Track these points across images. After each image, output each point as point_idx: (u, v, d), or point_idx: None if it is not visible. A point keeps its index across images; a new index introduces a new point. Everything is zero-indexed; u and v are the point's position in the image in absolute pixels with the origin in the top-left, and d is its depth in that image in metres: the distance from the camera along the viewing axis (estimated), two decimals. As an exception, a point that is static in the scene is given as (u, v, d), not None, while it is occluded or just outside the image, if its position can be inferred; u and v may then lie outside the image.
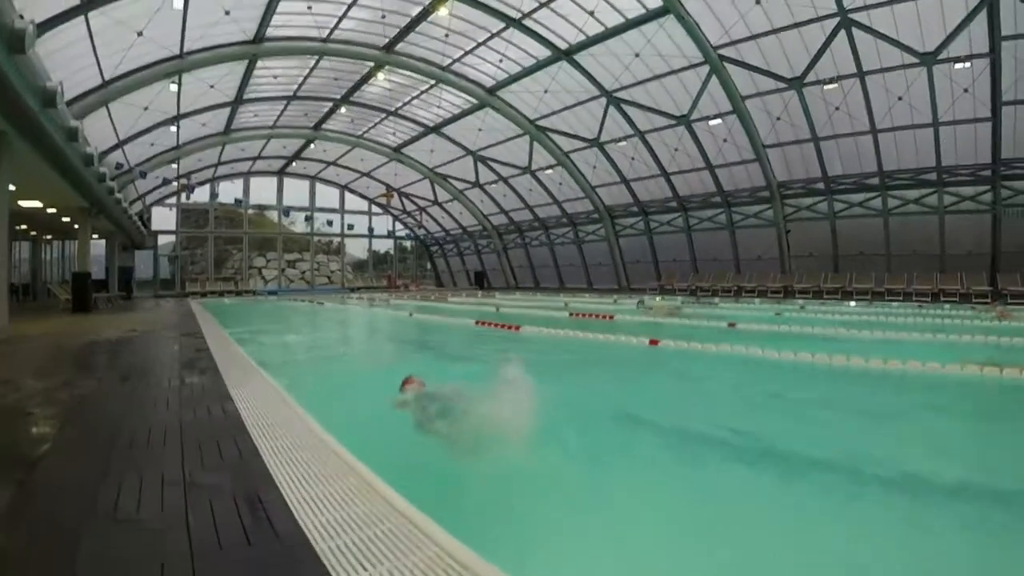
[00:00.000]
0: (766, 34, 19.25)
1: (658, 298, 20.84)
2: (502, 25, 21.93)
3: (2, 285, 11.01)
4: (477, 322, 12.95)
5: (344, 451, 3.30)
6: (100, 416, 4.50)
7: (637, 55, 21.87)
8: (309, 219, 41.78)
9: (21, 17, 8.21)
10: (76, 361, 7.37)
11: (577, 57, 23.14)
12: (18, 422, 4.31)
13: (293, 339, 12.66)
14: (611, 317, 14.33)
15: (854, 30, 17.90)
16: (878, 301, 20.21)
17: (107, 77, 18.20)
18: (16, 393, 5.22)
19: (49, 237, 28.65)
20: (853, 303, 19.73)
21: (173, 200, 36.46)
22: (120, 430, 3.88)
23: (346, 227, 43.10)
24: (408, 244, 48.94)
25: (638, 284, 31.37)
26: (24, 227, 24.04)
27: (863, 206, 22.90)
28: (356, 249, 47.95)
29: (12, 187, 14.20)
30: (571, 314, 15.48)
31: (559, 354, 9.48)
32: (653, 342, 9.19)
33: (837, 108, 20.53)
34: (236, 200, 36.66)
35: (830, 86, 19.53)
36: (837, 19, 17.80)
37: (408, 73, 26.06)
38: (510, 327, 11.65)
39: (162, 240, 37.69)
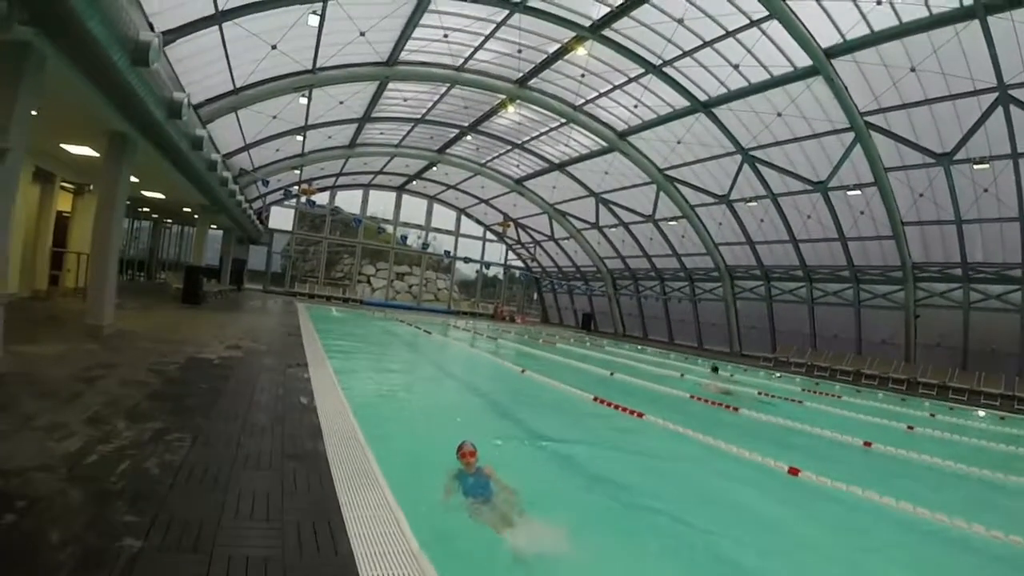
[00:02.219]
0: (917, 104, 17.39)
1: (708, 378, 18.15)
2: (641, 71, 20.87)
3: (110, 279, 10.79)
4: (595, 399, 11.53)
5: None
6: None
7: (779, 114, 20.31)
8: (427, 245, 42.02)
9: (150, 27, 7.87)
10: (168, 393, 6.57)
11: (715, 110, 21.75)
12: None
13: (398, 395, 11.49)
14: (736, 409, 12.63)
15: (1012, 107, 15.80)
16: (1007, 411, 17.57)
17: (238, 84, 18.48)
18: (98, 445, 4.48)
19: (169, 221, 29.90)
20: (982, 412, 17.18)
21: (292, 202, 37.51)
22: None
23: (457, 251, 43.03)
24: (517, 273, 48.41)
25: (750, 351, 29.47)
26: (147, 210, 25.05)
27: (1001, 299, 20.25)
28: (466, 269, 48.11)
29: (136, 179, 14.49)
30: (692, 396, 13.84)
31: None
32: (793, 471, 7.57)
33: (986, 190, 18.21)
34: (355, 219, 37.23)
35: (980, 166, 17.24)
36: (995, 95, 15.79)
37: (539, 109, 25.50)
38: (632, 412, 10.24)
39: (278, 237, 38.87)
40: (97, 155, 11.53)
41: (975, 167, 17.51)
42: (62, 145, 11.93)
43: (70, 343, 8.68)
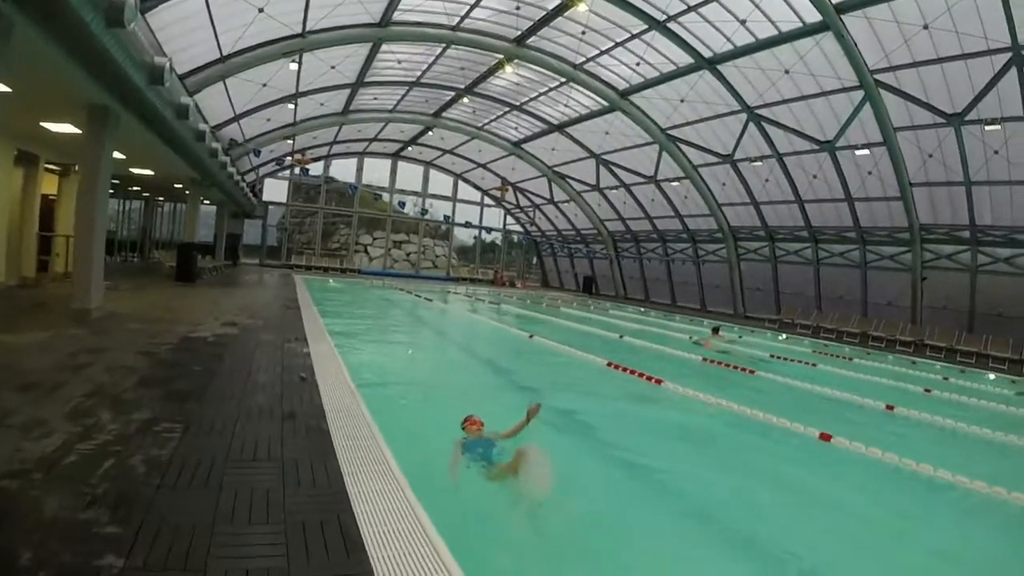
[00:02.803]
0: (929, 63, 16.75)
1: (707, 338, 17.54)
2: (644, 27, 20.07)
3: (97, 260, 10.37)
4: (609, 364, 11.14)
5: None
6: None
7: (787, 72, 19.66)
8: (425, 212, 41.36)
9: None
10: (159, 378, 6.17)
11: (721, 67, 21.02)
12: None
13: (402, 368, 11.00)
14: (752, 371, 12.30)
15: None
16: (1015, 374, 17.25)
17: (225, 52, 17.81)
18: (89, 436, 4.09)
19: (161, 199, 29.28)
20: (992, 375, 16.86)
21: (286, 173, 36.82)
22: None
23: (455, 217, 42.41)
24: (516, 238, 47.77)
25: (755, 313, 29.15)
26: (137, 188, 24.45)
27: (1009, 262, 19.86)
28: (464, 235, 47.60)
29: (122, 156, 13.96)
30: (704, 359, 13.47)
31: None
32: (824, 437, 7.23)
33: (996, 152, 17.64)
34: (351, 187, 36.46)
35: (992, 127, 16.77)
36: (1008, 55, 15.23)
37: (537, 68, 24.70)
38: (649, 378, 9.88)
39: (273, 209, 38.26)
40: (80, 132, 10.95)
41: (986, 128, 17.02)
42: (42, 124, 11.30)
43: (55, 329, 8.27)
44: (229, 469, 3.91)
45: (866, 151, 20.52)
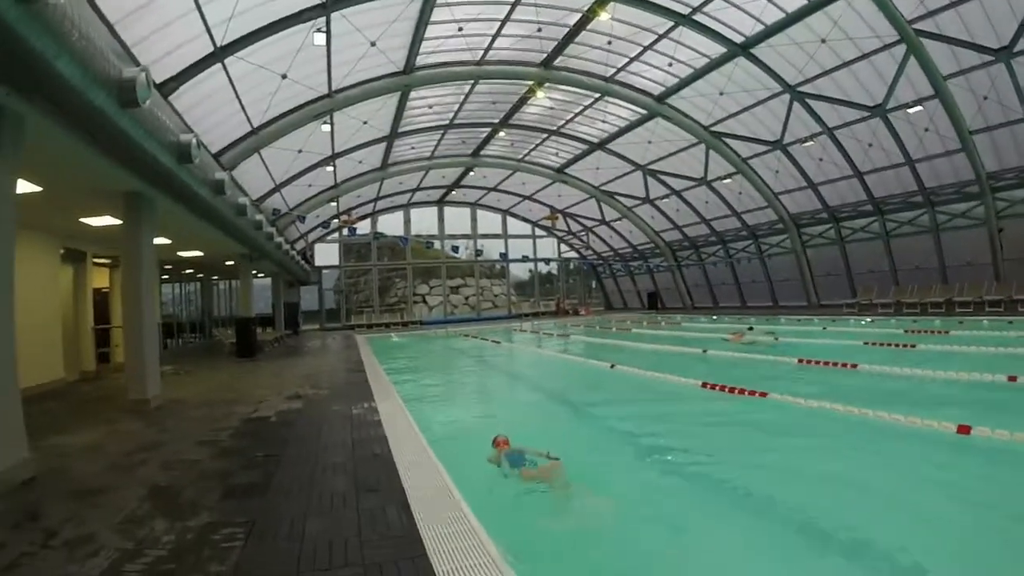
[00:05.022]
0: None
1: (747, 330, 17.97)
2: (670, 24, 19.30)
3: (150, 349, 10.01)
4: (704, 384, 10.08)
5: None
6: None
7: (823, 41, 18.71)
8: (480, 252, 41.10)
9: (134, 61, 6.96)
10: (220, 471, 5.52)
11: (755, 51, 20.11)
12: None
13: (478, 416, 9.96)
14: (854, 366, 11.10)
15: None
16: None
17: (256, 124, 17.87)
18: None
19: (216, 278, 29.70)
20: None
21: (335, 236, 37.09)
22: None
23: (509, 252, 41.75)
24: (573, 264, 46.91)
25: (829, 300, 27.97)
26: (191, 270, 24.76)
27: None
28: (519, 270, 47.18)
29: (167, 240, 13.93)
30: (798, 360, 12.26)
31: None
32: (963, 429, 6.12)
33: None
34: (401, 239, 36.56)
35: None
36: None
37: (569, 88, 24.14)
38: (751, 392, 8.87)
39: (327, 273, 38.51)
40: (120, 222, 10.80)
41: None
42: (82, 220, 11.30)
43: (111, 425, 7.89)
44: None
45: (919, 107, 19.56)
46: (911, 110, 19.66)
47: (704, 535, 4.56)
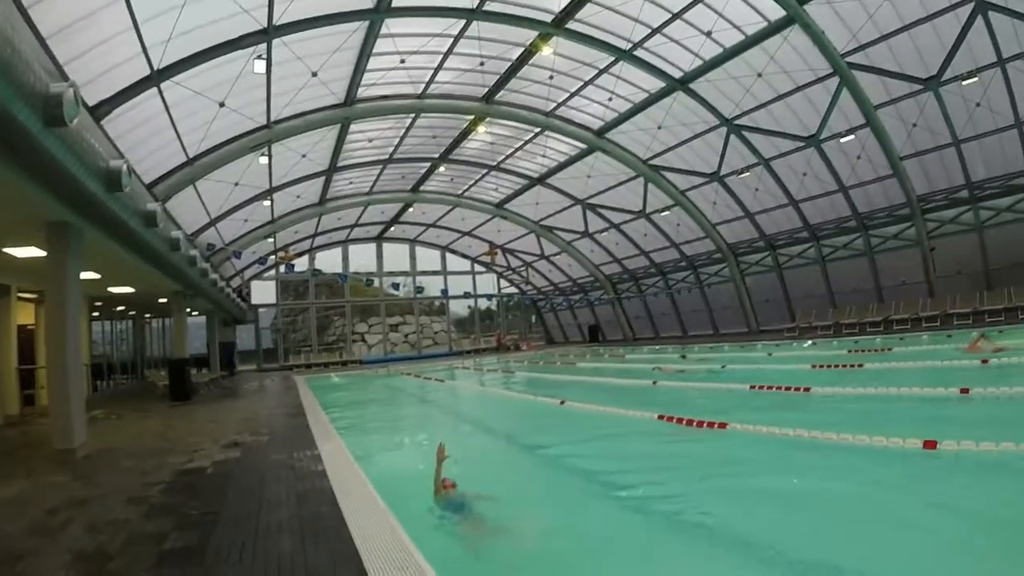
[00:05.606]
0: (896, 32, 17.02)
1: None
2: (611, 59, 19.76)
3: (76, 393, 9.18)
4: (660, 416, 9.77)
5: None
6: None
7: (760, 75, 19.50)
8: (420, 289, 40.73)
9: (63, 75, 6.44)
10: (151, 535, 4.82)
11: (693, 85, 20.80)
12: None
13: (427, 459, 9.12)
14: (807, 389, 11.07)
15: (990, 13, 15.62)
16: None
17: (192, 154, 17.18)
18: None
19: (148, 316, 28.14)
20: None
21: (272, 273, 35.99)
22: None
23: (449, 288, 41.53)
24: (513, 300, 46.79)
25: (769, 326, 28.65)
26: (122, 308, 23.36)
27: (1012, 211, 19.73)
28: (459, 306, 46.82)
29: (96, 275, 13.06)
30: (751, 386, 12.10)
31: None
32: (929, 444, 6.06)
33: (978, 104, 17.84)
34: (339, 277, 35.63)
35: (969, 80, 16.99)
36: (971, 4, 15.60)
37: (510, 123, 24.33)
38: (709, 424, 8.62)
39: (264, 311, 37.17)
40: (44, 254, 10.00)
41: (964, 83, 17.34)
42: (4, 250, 10.42)
43: (33, 478, 7.06)
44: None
45: (851, 136, 20.60)
46: (844, 139, 20.63)
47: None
